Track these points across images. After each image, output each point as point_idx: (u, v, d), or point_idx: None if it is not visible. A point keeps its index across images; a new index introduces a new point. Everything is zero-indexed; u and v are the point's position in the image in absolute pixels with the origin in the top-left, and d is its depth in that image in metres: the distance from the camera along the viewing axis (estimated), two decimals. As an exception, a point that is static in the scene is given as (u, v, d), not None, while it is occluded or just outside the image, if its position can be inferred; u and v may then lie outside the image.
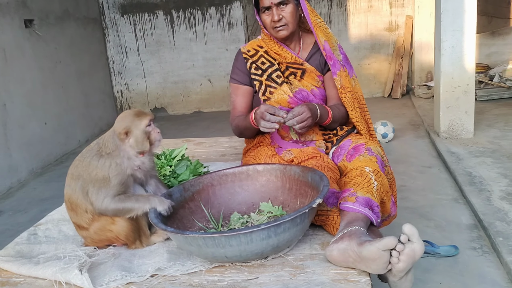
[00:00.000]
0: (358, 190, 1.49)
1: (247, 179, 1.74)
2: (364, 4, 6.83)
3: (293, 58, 1.93)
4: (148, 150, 1.54)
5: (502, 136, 4.25)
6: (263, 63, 1.96)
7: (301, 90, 1.91)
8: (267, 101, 1.93)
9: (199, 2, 6.94)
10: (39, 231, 1.75)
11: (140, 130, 1.50)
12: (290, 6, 1.84)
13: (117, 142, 1.50)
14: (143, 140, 1.50)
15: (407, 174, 3.70)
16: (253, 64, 1.97)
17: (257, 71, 1.96)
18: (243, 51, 2.02)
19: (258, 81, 1.96)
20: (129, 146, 1.50)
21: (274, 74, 1.94)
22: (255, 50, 2.00)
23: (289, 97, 1.90)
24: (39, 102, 5.03)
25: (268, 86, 1.94)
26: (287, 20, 1.85)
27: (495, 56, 6.68)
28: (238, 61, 2.04)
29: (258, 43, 2.00)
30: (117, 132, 1.49)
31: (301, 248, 1.46)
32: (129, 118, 1.51)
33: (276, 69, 1.94)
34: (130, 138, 1.49)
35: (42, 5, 5.24)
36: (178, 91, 7.31)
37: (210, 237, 1.26)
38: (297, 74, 1.94)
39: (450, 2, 4.04)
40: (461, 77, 4.19)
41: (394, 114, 5.83)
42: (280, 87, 1.92)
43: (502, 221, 2.65)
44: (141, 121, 1.50)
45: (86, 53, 6.36)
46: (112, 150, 1.49)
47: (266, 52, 1.97)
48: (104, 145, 1.50)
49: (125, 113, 1.54)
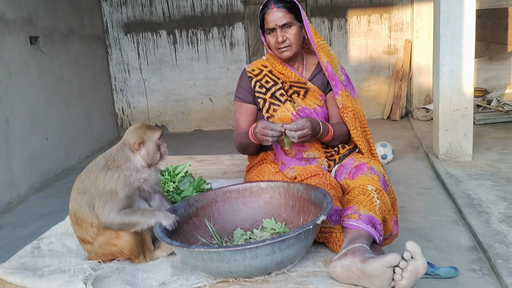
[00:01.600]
0: (361, 208, 1.51)
1: (250, 196, 1.76)
2: (364, 27, 6.95)
3: (296, 78, 1.98)
4: (157, 163, 1.58)
5: (501, 160, 4.28)
6: (267, 82, 2.01)
7: (304, 108, 1.95)
8: (271, 118, 1.97)
9: (201, 22, 7.06)
10: (42, 245, 1.76)
11: (153, 142, 1.56)
12: (294, 28, 1.90)
13: (128, 154, 1.54)
14: (154, 152, 1.56)
15: (406, 195, 3.71)
16: (257, 83, 2.02)
17: (261, 89, 2.01)
18: (247, 70, 2.07)
19: (262, 99, 2.00)
20: (140, 157, 1.54)
21: (277, 93, 1.98)
22: (260, 69, 2.04)
23: (292, 115, 1.94)
24: (41, 118, 5.07)
25: (272, 103, 1.98)
26: (291, 41, 1.90)
27: (493, 81, 6.78)
28: (242, 80, 2.09)
29: (263, 63, 2.06)
30: (131, 142, 1.53)
31: (304, 264, 1.47)
32: (142, 130, 1.56)
33: (280, 87, 1.98)
34: (143, 149, 1.54)
35: (47, 22, 5.33)
36: (179, 109, 7.37)
37: (216, 251, 1.27)
38: (300, 93, 1.98)
39: (449, 27, 4.13)
40: (460, 101, 4.25)
41: (393, 135, 5.88)
42: (283, 105, 1.96)
43: (502, 243, 2.66)
44: (154, 133, 1.57)
45: (89, 71, 6.43)
46: (121, 162, 1.52)
47: (270, 71, 2.02)
48: (113, 158, 1.53)
49: (136, 125, 1.59)
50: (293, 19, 1.89)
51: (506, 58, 6.71)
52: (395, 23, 6.90)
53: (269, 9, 1.89)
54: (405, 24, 6.89)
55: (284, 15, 1.87)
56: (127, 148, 1.55)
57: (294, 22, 1.90)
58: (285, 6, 1.88)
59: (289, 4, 1.90)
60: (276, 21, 1.87)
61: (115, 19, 7.08)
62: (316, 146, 1.93)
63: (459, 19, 4.09)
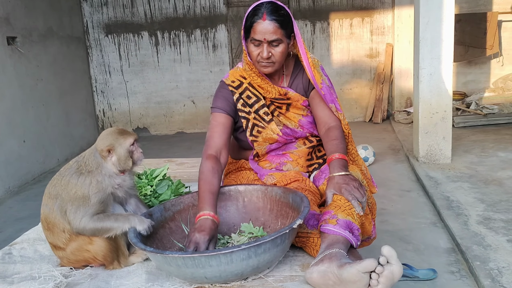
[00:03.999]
0: (339, 212, 1.50)
1: (228, 200, 1.75)
2: (346, 31, 7.00)
3: (276, 92, 1.84)
4: (130, 169, 1.53)
5: (479, 162, 4.35)
6: (249, 97, 1.85)
7: (285, 127, 1.87)
8: (255, 141, 1.87)
9: (184, 24, 7.01)
10: (14, 251, 1.71)
11: (124, 149, 1.50)
12: (283, 45, 1.73)
13: (99, 159, 1.49)
14: (126, 159, 1.50)
15: (386, 198, 3.74)
16: (240, 100, 1.85)
17: (245, 108, 1.85)
18: (227, 83, 1.88)
19: (245, 119, 1.86)
20: (111, 164, 1.49)
21: (261, 111, 1.85)
22: (239, 81, 1.87)
23: (278, 136, 1.86)
24: (19, 119, 4.96)
25: (256, 125, 1.85)
26: (275, 59, 1.74)
27: (472, 84, 6.90)
28: (222, 91, 1.88)
29: (241, 73, 1.88)
30: (100, 149, 1.49)
31: (281, 269, 1.46)
32: (113, 136, 1.50)
33: (263, 104, 1.85)
34: (113, 156, 1.49)
35: (25, 22, 5.22)
36: (161, 111, 7.30)
37: (190, 257, 1.25)
38: (282, 108, 1.87)
39: (428, 31, 4.17)
40: (439, 104, 4.30)
41: (375, 138, 5.92)
42: (268, 126, 1.85)
43: (479, 245, 2.69)
44: (126, 140, 1.51)
45: (69, 72, 6.33)
46: (93, 167, 1.48)
47: (251, 84, 1.86)
48: (85, 163, 1.49)
49: (109, 130, 1.53)
50: (283, 35, 1.71)
51: (485, 62, 6.83)
52: (376, 26, 6.96)
53: (260, 18, 1.68)
54: (386, 28, 6.96)
55: (275, 31, 1.68)
56: (98, 154, 1.50)
57: (284, 39, 1.72)
58: (278, 20, 1.68)
59: (282, 18, 1.70)
60: (266, 35, 1.68)
61: (95, 19, 6.99)
62: (299, 161, 1.90)
63: (438, 24, 4.15)
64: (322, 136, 1.84)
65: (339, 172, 1.60)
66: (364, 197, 1.53)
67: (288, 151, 1.92)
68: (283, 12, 1.72)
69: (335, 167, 1.63)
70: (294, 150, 1.92)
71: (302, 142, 1.92)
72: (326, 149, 1.76)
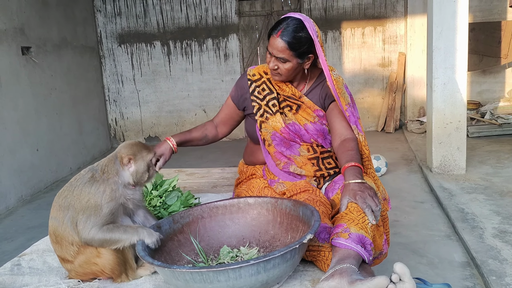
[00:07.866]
0: (352, 226, 1.47)
1: (237, 212, 1.72)
2: (358, 40, 6.97)
3: (291, 92, 1.94)
4: (143, 184, 1.56)
5: (494, 173, 4.26)
6: (263, 90, 1.97)
7: (294, 123, 1.92)
8: (264, 123, 1.94)
9: (196, 33, 7.06)
10: (23, 262, 1.71)
11: (144, 162, 1.54)
12: (290, 64, 1.81)
13: (118, 167, 1.51)
14: (143, 172, 1.54)
15: (399, 209, 3.68)
16: (256, 88, 1.98)
17: (259, 95, 1.97)
18: (249, 73, 2.03)
19: (257, 104, 1.97)
20: (129, 174, 1.52)
21: (270, 102, 1.94)
22: (260, 75, 2.00)
23: (282, 127, 1.90)
24: (32, 128, 5.01)
25: (266, 111, 1.95)
26: (282, 72, 1.85)
27: (486, 94, 6.80)
28: (242, 80, 2.05)
29: (264, 69, 2.01)
30: (121, 156, 1.50)
31: (291, 284, 1.43)
32: (137, 147, 1.55)
33: (274, 97, 1.94)
34: (132, 166, 1.52)
35: (40, 32, 5.30)
36: (173, 120, 7.33)
37: (198, 271, 1.23)
38: (293, 108, 1.93)
39: (442, 40, 4.13)
40: (453, 114, 4.24)
41: (387, 148, 5.86)
42: (274, 116, 1.93)
43: (495, 260, 2.62)
44: (148, 154, 1.56)
45: (82, 81, 6.40)
46: (111, 174, 1.49)
47: (269, 80, 1.98)
48: (102, 170, 1.50)
49: (133, 141, 1.58)
50: (291, 56, 1.78)
51: (500, 71, 6.73)
52: (389, 35, 6.92)
53: (275, 33, 1.77)
54: (398, 37, 6.91)
55: (283, 51, 1.77)
56: (118, 161, 1.52)
57: (292, 59, 1.80)
58: (289, 43, 1.75)
59: (295, 41, 1.76)
60: (273, 50, 1.80)
61: (109, 30, 7.07)
62: (306, 164, 1.89)
63: (452, 33, 4.10)
64: (336, 148, 1.82)
65: (355, 179, 1.58)
66: (378, 206, 1.50)
67: (292, 155, 1.91)
68: (302, 35, 1.77)
69: (350, 174, 1.61)
70: (298, 156, 1.91)
71: (306, 148, 1.91)
72: (341, 158, 1.73)
